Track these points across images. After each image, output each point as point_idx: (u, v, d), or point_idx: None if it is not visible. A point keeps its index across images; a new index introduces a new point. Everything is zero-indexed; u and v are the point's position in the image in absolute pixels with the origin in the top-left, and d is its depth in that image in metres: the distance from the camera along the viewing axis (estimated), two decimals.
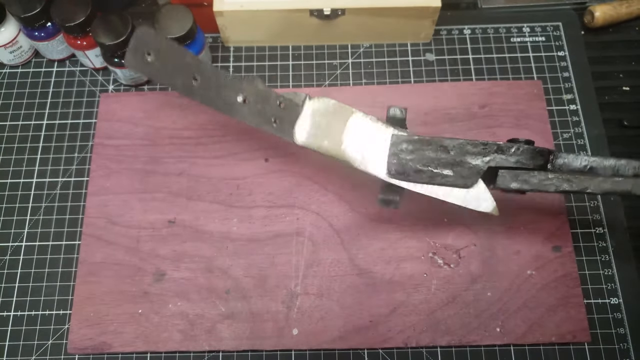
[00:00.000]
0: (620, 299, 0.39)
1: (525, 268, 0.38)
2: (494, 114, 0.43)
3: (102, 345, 0.37)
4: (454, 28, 0.48)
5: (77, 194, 0.42)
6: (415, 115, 0.43)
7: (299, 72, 0.47)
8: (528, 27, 0.48)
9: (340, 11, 0.43)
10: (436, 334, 0.37)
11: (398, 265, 0.39)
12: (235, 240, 0.40)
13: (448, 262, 0.39)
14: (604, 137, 0.43)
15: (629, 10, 0.47)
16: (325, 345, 0.37)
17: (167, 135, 0.43)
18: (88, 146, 0.44)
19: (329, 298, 0.38)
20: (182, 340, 0.37)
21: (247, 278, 0.39)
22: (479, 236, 0.39)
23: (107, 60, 0.43)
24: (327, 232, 0.40)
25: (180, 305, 0.38)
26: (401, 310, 0.37)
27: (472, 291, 0.38)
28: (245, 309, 0.38)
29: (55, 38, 0.44)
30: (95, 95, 0.46)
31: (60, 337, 0.38)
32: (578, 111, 0.44)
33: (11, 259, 0.41)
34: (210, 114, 0.44)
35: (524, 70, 0.46)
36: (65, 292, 0.39)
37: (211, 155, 0.42)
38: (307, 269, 0.39)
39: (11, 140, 0.44)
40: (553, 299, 0.37)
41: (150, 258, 0.39)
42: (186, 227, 0.40)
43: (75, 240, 0.41)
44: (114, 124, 0.43)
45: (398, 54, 0.47)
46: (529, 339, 0.37)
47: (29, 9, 0.41)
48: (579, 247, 0.40)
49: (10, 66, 0.47)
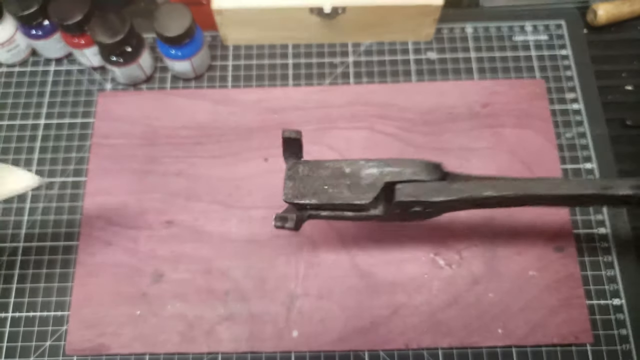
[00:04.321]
0: (622, 300, 0.38)
1: (527, 269, 0.38)
2: (496, 113, 0.43)
3: (100, 346, 0.37)
4: (455, 26, 0.48)
5: (75, 194, 0.42)
6: (416, 114, 0.43)
7: (299, 70, 0.46)
8: (530, 25, 0.47)
9: (341, 9, 0.43)
10: (437, 335, 0.37)
11: (399, 266, 0.38)
12: (235, 241, 0.39)
13: (449, 263, 0.38)
14: (607, 137, 0.43)
15: (631, 9, 0.47)
16: (326, 347, 0.37)
17: (165, 135, 0.43)
18: (86, 146, 0.44)
19: (329, 299, 0.38)
20: (180, 342, 0.37)
21: (247, 279, 0.38)
22: (481, 237, 0.39)
23: (105, 59, 0.42)
24: (327, 232, 0.39)
25: (179, 306, 0.38)
26: (402, 311, 0.37)
27: (474, 292, 0.38)
28: (245, 311, 0.37)
29: (52, 37, 0.44)
30: (93, 95, 0.46)
31: (58, 339, 0.38)
32: (581, 110, 0.44)
33: (9, 260, 0.40)
34: (209, 113, 0.43)
35: (526, 69, 0.46)
36: (64, 293, 0.39)
37: (210, 155, 0.42)
38: (307, 270, 0.38)
39: (8, 140, 0.44)
40: (555, 300, 0.37)
41: (148, 259, 0.39)
42: (185, 227, 0.40)
43: (73, 241, 0.41)
44: (112, 123, 0.43)
45: (399, 53, 0.47)
46: (530, 340, 0.36)
47: (27, 7, 0.41)
48: (581, 247, 0.40)
49: (7, 65, 0.47)
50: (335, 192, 0.30)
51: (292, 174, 0.31)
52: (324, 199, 0.30)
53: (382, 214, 0.31)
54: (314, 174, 0.31)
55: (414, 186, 0.29)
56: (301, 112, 0.43)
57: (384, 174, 0.30)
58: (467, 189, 0.29)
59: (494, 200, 0.29)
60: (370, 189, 0.30)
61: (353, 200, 0.30)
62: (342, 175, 0.30)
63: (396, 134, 0.42)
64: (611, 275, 0.39)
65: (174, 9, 0.40)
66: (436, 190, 0.29)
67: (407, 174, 0.29)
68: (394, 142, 0.42)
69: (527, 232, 0.39)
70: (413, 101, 0.43)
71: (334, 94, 0.44)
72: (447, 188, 0.29)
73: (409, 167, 0.30)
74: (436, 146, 0.42)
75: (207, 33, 0.47)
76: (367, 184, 0.30)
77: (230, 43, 0.47)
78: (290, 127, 0.34)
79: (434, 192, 0.29)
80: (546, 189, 0.29)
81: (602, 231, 0.40)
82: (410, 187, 0.29)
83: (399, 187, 0.29)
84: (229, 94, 0.44)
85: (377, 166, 0.30)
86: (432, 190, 0.29)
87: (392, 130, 0.42)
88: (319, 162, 0.31)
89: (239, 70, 0.46)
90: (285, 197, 0.31)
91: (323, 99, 0.44)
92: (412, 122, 0.43)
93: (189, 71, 0.44)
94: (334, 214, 0.31)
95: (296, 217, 0.30)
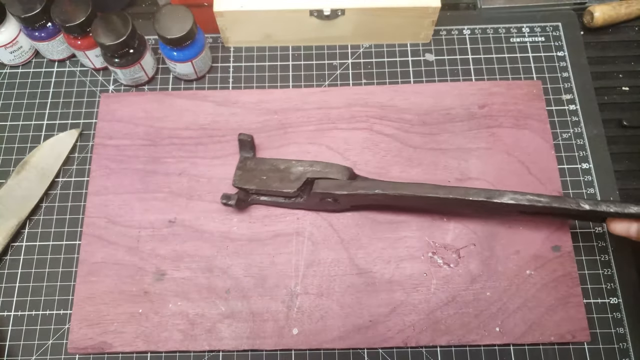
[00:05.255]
0: (619, 299, 0.39)
1: (525, 268, 0.38)
2: (494, 114, 0.43)
3: (102, 345, 0.37)
4: (453, 28, 0.48)
5: (78, 193, 0.42)
6: (414, 115, 0.43)
7: (299, 72, 0.47)
8: (527, 27, 0.48)
9: (340, 11, 0.43)
10: (436, 333, 0.37)
11: (398, 265, 0.39)
12: (236, 240, 0.40)
13: (447, 261, 0.39)
14: (604, 137, 0.43)
15: (628, 11, 0.47)
16: (325, 344, 0.37)
17: (167, 135, 0.43)
18: (88, 146, 0.44)
19: (328, 298, 0.38)
20: (182, 340, 0.37)
21: (247, 278, 0.39)
22: (479, 236, 0.39)
23: (107, 61, 0.43)
24: (327, 231, 0.40)
25: (181, 304, 0.38)
26: (401, 309, 0.38)
27: (472, 291, 0.38)
28: (246, 309, 0.38)
29: (55, 38, 0.44)
30: (96, 96, 0.46)
31: (60, 337, 0.38)
32: (577, 111, 0.44)
33: (12, 259, 0.41)
34: (210, 114, 0.44)
35: (524, 70, 0.46)
36: (66, 292, 0.40)
37: (211, 155, 0.42)
38: (307, 268, 0.39)
39: (12, 141, 0.45)
40: (552, 298, 0.38)
41: (150, 258, 0.39)
42: (186, 226, 0.40)
43: (75, 240, 0.41)
44: (115, 124, 0.44)
45: (398, 54, 0.47)
46: (528, 338, 0.37)
47: (30, 9, 0.41)
48: (579, 246, 0.40)
49: (10, 66, 0.47)
50: (270, 182, 0.39)
51: (242, 166, 0.40)
52: (262, 186, 0.39)
53: (305, 201, 0.39)
54: (257, 168, 0.40)
55: (327, 182, 0.38)
56: (301, 113, 0.44)
57: (307, 172, 0.39)
58: (361, 187, 0.37)
59: (381, 197, 0.37)
60: (296, 182, 0.38)
61: (282, 189, 0.39)
62: (278, 170, 0.39)
63: (395, 135, 0.43)
64: (608, 274, 0.39)
65: (176, 11, 0.41)
66: (340, 186, 0.37)
67: (324, 172, 0.38)
68: (393, 143, 0.42)
69: (524, 232, 0.40)
70: (411, 102, 0.44)
71: (334, 95, 0.44)
72: (349, 185, 0.37)
73: (327, 168, 0.38)
74: (434, 146, 0.42)
75: (208, 35, 0.48)
76: (294, 178, 0.39)
77: (231, 45, 0.48)
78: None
79: (339, 187, 0.37)
80: (422, 192, 0.36)
81: (599, 230, 0.41)
82: (324, 183, 0.38)
83: (317, 182, 0.38)
84: (230, 95, 0.44)
85: (303, 165, 0.39)
86: (338, 186, 0.37)
87: (390, 131, 0.43)
88: (263, 159, 0.41)
89: (239, 72, 0.47)
90: (234, 183, 0.40)
91: (322, 100, 0.44)
92: (411, 123, 0.43)
93: (190, 72, 0.45)
94: (270, 199, 0.40)
95: (238, 198, 0.38)
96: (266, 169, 0.40)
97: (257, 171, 0.40)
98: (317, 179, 0.38)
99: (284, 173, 0.39)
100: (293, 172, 0.39)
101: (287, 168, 0.39)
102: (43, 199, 0.42)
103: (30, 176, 0.41)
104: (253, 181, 0.39)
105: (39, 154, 0.42)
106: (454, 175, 0.41)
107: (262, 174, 0.39)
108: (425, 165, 0.42)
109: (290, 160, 0.40)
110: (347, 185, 0.37)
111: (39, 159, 0.42)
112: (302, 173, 0.39)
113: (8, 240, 0.40)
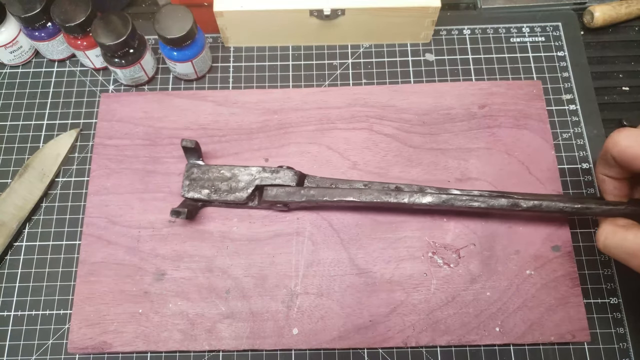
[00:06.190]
0: (619, 299, 0.39)
1: (525, 268, 0.38)
2: (494, 114, 0.43)
3: (102, 344, 0.37)
4: (453, 28, 0.48)
5: (78, 193, 0.42)
6: (414, 115, 0.43)
7: (299, 72, 0.47)
8: (527, 27, 0.48)
9: (340, 11, 0.43)
10: (436, 333, 0.37)
11: (398, 265, 0.39)
12: (236, 239, 0.40)
13: (447, 261, 0.39)
14: (604, 137, 0.43)
15: (628, 11, 0.47)
16: (325, 344, 0.37)
17: (167, 135, 0.43)
18: (88, 146, 0.44)
19: (328, 297, 0.38)
20: (182, 340, 0.37)
21: (247, 278, 0.39)
22: (479, 236, 0.39)
23: (107, 61, 0.43)
24: (327, 231, 0.40)
25: (181, 304, 0.38)
26: (401, 309, 0.38)
27: (472, 291, 0.38)
28: (245, 309, 0.38)
29: (55, 38, 0.44)
30: (96, 95, 0.46)
31: (60, 337, 0.38)
32: (577, 111, 0.45)
33: (12, 259, 0.41)
34: (210, 114, 0.44)
35: (524, 70, 0.46)
36: (66, 292, 0.40)
37: (211, 155, 0.42)
38: (307, 268, 0.39)
39: (11, 141, 0.45)
40: (552, 298, 0.38)
41: (150, 258, 0.39)
42: (186, 226, 0.40)
43: (75, 240, 0.41)
44: (115, 124, 0.44)
45: (398, 54, 0.47)
46: (528, 338, 0.37)
47: (29, 9, 0.41)
48: (579, 246, 0.40)
49: (10, 66, 0.47)
50: (219, 190, 0.39)
51: (189, 175, 0.40)
52: (211, 196, 0.39)
53: (256, 205, 0.40)
54: (204, 176, 0.40)
55: (277, 190, 0.39)
56: (301, 113, 0.44)
57: (256, 179, 0.39)
58: (308, 195, 0.38)
59: (330, 204, 0.38)
60: (244, 191, 0.39)
61: (231, 198, 0.39)
62: (225, 178, 0.40)
63: (395, 135, 0.43)
64: (608, 274, 0.39)
65: (176, 11, 0.41)
66: (290, 194, 0.38)
67: (272, 179, 0.39)
68: (393, 143, 0.42)
69: (524, 232, 0.40)
70: (411, 102, 0.44)
71: (334, 95, 0.44)
72: (298, 193, 0.38)
73: (275, 174, 0.39)
74: (434, 147, 0.42)
75: (208, 35, 0.48)
76: (242, 187, 0.39)
77: (231, 45, 0.48)
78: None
79: (288, 195, 0.38)
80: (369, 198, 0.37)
81: None
82: (274, 190, 0.39)
83: (267, 189, 0.39)
84: (229, 95, 0.44)
85: (251, 172, 0.39)
86: (287, 194, 0.38)
87: (390, 131, 0.43)
88: (209, 166, 0.40)
89: (239, 72, 0.47)
90: (182, 193, 0.40)
91: (322, 100, 0.44)
92: (411, 123, 0.43)
93: (190, 72, 0.45)
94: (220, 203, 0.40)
95: (188, 210, 0.38)
96: (213, 177, 0.40)
97: (205, 180, 0.40)
98: (266, 186, 0.39)
99: (232, 181, 0.39)
100: (241, 179, 0.39)
101: (234, 175, 0.39)
102: (43, 199, 0.42)
103: (30, 176, 0.41)
104: (202, 191, 0.39)
105: (40, 155, 0.42)
106: (454, 175, 0.41)
107: (211, 182, 0.40)
108: (425, 165, 0.42)
109: (238, 166, 0.40)
110: (295, 192, 0.38)
111: (40, 159, 0.42)
112: (250, 180, 0.39)
113: (9, 240, 0.40)
